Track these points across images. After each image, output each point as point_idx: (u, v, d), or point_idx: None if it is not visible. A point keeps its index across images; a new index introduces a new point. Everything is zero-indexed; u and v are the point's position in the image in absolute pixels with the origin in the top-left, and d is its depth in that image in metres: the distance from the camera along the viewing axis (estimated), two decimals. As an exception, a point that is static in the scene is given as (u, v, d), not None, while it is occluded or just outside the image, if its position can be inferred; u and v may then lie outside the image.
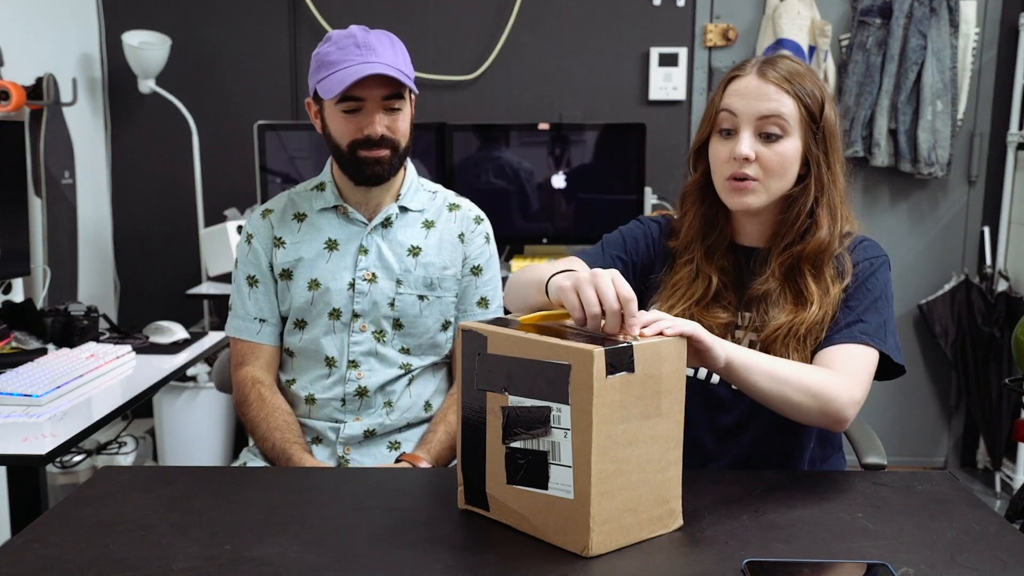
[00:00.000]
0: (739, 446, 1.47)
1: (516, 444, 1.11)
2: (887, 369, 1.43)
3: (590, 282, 1.12)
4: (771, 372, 1.27)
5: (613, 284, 1.11)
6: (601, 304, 1.10)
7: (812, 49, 3.36)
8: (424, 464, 1.64)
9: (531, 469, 1.10)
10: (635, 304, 1.11)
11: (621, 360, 1.06)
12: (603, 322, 1.11)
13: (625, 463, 1.08)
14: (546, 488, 1.09)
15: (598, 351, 1.03)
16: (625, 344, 1.06)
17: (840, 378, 1.33)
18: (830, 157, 1.42)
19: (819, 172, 1.41)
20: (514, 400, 1.11)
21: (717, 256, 1.48)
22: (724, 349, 1.21)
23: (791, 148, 1.40)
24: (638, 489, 1.10)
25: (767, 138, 1.39)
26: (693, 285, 1.47)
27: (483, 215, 1.84)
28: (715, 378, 1.46)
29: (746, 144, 1.38)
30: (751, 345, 1.43)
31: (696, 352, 1.18)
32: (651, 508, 1.12)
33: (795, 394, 1.28)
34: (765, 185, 1.40)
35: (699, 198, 1.49)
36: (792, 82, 1.39)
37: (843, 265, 1.43)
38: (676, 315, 1.32)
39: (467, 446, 1.18)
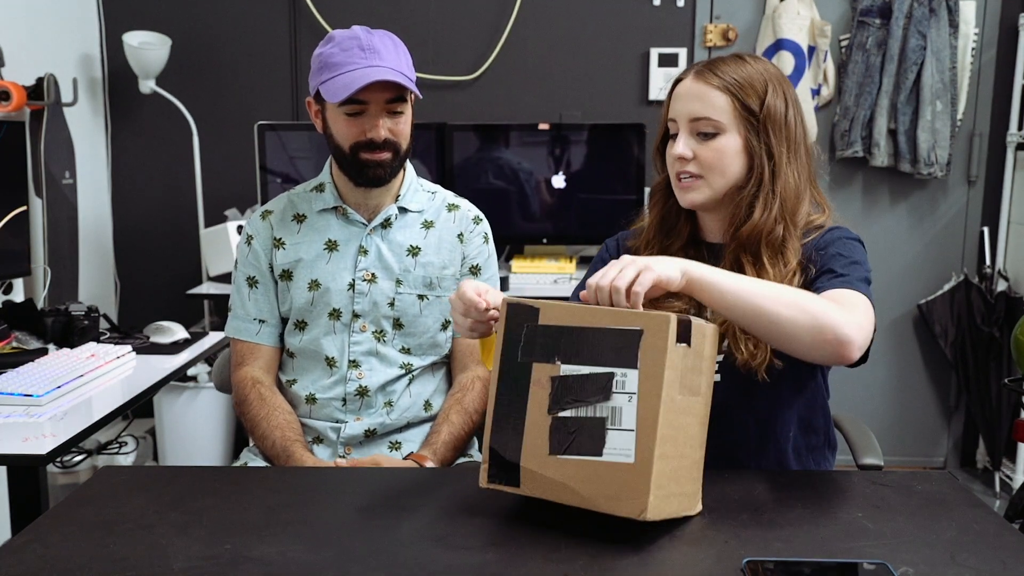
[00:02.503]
0: (716, 435, 1.46)
1: (566, 413, 1.12)
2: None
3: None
4: (744, 287, 1.22)
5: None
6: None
7: (812, 49, 3.36)
8: (430, 464, 1.64)
9: (583, 437, 1.11)
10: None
11: (686, 331, 1.11)
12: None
13: (678, 431, 1.12)
14: (600, 455, 1.10)
15: (672, 317, 1.09)
16: (687, 318, 1.12)
17: (839, 304, 1.25)
18: (773, 148, 1.41)
19: (761, 165, 1.42)
20: (568, 369, 1.12)
21: (672, 252, 1.49)
22: (680, 268, 1.20)
23: (728, 144, 1.42)
24: (681, 461, 1.14)
25: (704, 136, 1.42)
26: None
27: (482, 215, 1.85)
28: None
29: (681, 145, 1.43)
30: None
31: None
32: (686, 484, 1.16)
33: (780, 308, 1.20)
34: (708, 181, 1.43)
35: (662, 197, 1.54)
36: (725, 79, 1.41)
37: (788, 249, 1.41)
38: None
39: (500, 421, 1.17)
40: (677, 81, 1.47)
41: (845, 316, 1.23)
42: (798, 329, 1.21)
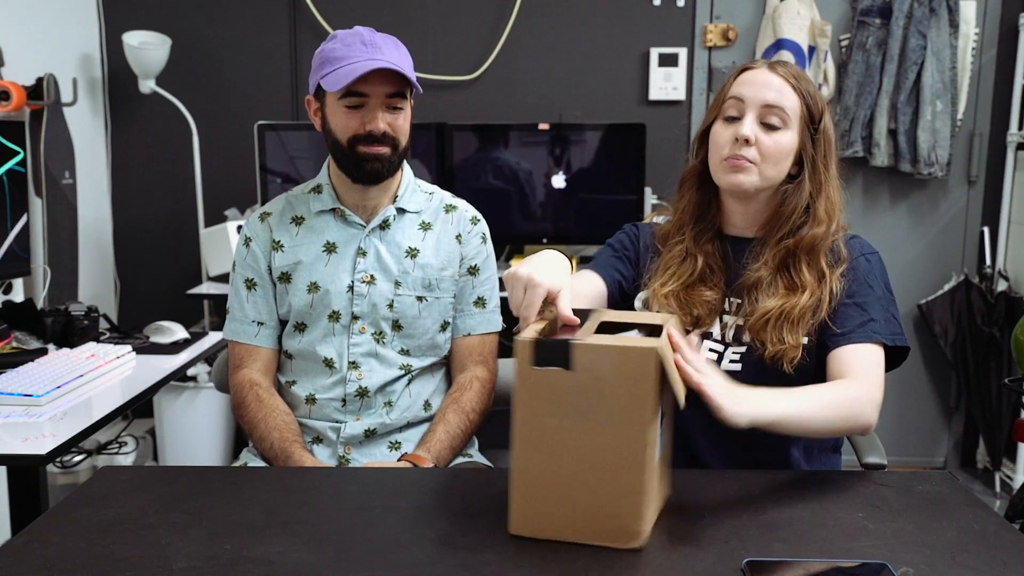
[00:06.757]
0: (731, 444, 1.48)
1: None
2: (893, 356, 1.48)
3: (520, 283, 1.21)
4: (796, 415, 1.30)
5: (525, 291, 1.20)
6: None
7: (812, 49, 3.36)
8: (427, 464, 1.64)
9: None
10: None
11: (553, 354, 1.08)
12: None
13: (558, 459, 1.10)
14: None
15: (529, 341, 1.08)
16: (562, 339, 1.09)
17: (861, 385, 1.38)
18: (827, 159, 1.49)
19: (815, 170, 1.48)
20: None
21: (704, 240, 1.54)
22: (750, 419, 1.19)
23: (788, 140, 1.46)
24: (578, 491, 1.10)
25: (768, 127, 1.45)
26: (683, 265, 1.54)
27: (479, 215, 1.85)
28: None
29: (748, 126, 1.45)
30: (738, 330, 1.48)
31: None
32: (596, 517, 1.10)
33: (825, 423, 1.35)
34: (760, 169, 1.46)
35: (695, 184, 1.56)
36: (799, 80, 1.48)
37: (838, 253, 1.49)
38: (665, 293, 1.47)
39: None
40: (743, 69, 1.50)
41: (871, 402, 1.37)
42: (839, 429, 1.39)
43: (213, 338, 2.44)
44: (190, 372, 3.12)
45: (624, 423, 1.08)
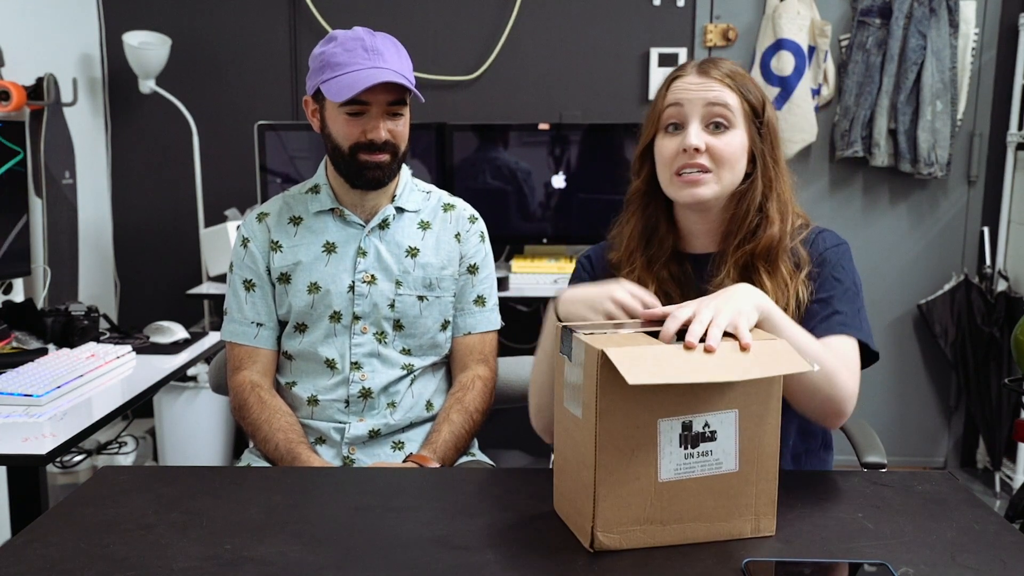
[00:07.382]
0: None
1: None
2: (862, 357, 1.39)
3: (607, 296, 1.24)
4: (797, 338, 1.20)
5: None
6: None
7: (812, 49, 3.36)
8: (432, 464, 1.64)
9: None
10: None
11: (565, 342, 1.11)
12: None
13: (569, 447, 1.13)
14: None
15: (559, 327, 1.13)
16: (570, 328, 1.11)
17: (844, 370, 1.28)
18: (776, 153, 1.42)
19: (765, 167, 1.40)
20: None
21: (658, 266, 1.45)
22: (756, 304, 1.17)
23: (738, 140, 1.38)
24: (573, 478, 1.12)
25: (715, 128, 1.37)
26: None
27: (477, 214, 1.85)
28: None
29: (695, 135, 1.36)
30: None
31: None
32: (576, 509, 1.12)
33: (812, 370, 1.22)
34: (717, 176, 1.38)
35: (641, 204, 1.47)
36: (733, 78, 1.39)
37: (798, 257, 1.41)
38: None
39: None
40: (674, 78, 1.42)
41: (850, 388, 1.28)
42: (815, 395, 1.26)
43: (213, 338, 2.44)
44: (190, 372, 3.12)
45: (586, 421, 1.07)
